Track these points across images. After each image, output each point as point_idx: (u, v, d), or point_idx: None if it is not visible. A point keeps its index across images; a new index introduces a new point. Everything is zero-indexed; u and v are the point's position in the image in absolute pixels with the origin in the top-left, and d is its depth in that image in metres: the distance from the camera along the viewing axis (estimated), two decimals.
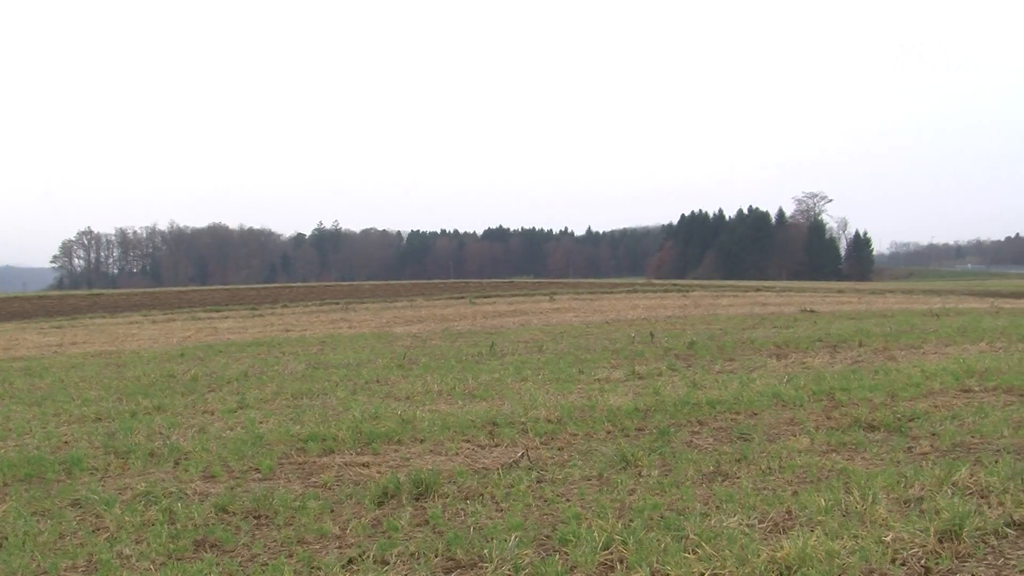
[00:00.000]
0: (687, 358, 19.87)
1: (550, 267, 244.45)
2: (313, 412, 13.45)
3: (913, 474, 8.65)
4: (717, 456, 9.75)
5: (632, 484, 8.62)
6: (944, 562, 6.37)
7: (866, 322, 31.54)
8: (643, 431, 11.35)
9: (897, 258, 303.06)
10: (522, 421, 12.02)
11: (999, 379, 15.19)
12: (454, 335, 29.99)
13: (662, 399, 13.54)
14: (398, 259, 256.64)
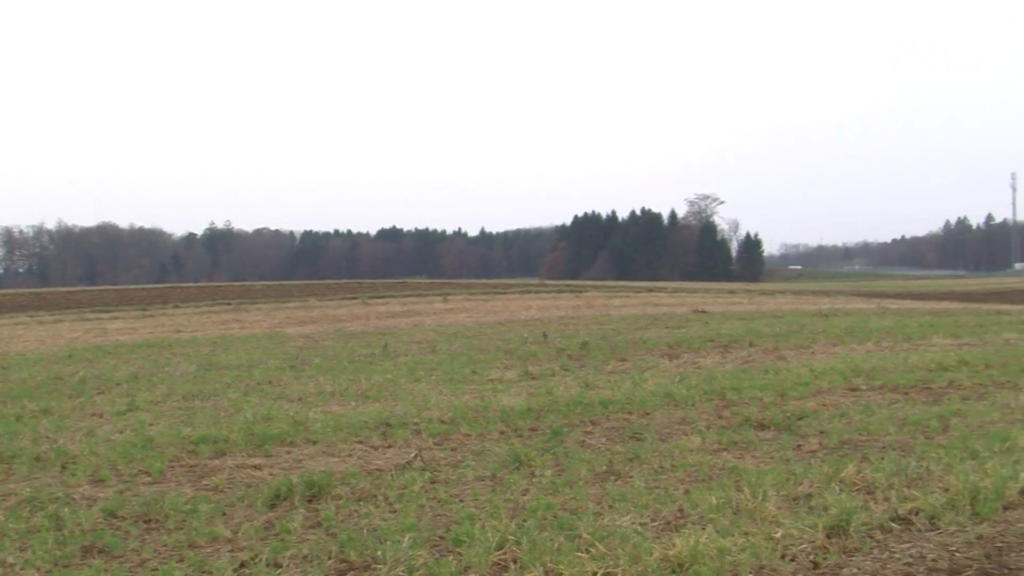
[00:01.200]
0: (580, 358, 19.96)
1: (444, 268, 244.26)
2: (204, 414, 13.27)
3: (802, 471, 8.79)
4: (610, 456, 9.81)
5: (525, 484, 8.64)
6: (832, 557, 6.48)
7: (757, 322, 31.96)
8: (536, 431, 11.38)
9: (787, 259, 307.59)
10: (415, 422, 11.99)
11: (885, 378, 15.50)
12: (347, 336, 29.82)
13: (555, 399, 13.58)
14: (291, 259, 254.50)
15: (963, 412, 12.29)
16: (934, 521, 7.27)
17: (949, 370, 16.67)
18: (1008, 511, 7.62)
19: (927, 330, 26.88)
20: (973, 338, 24.01)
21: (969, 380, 15.38)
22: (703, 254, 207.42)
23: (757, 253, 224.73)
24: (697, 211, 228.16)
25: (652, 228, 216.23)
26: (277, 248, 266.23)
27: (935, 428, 11.18)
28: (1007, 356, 19.06)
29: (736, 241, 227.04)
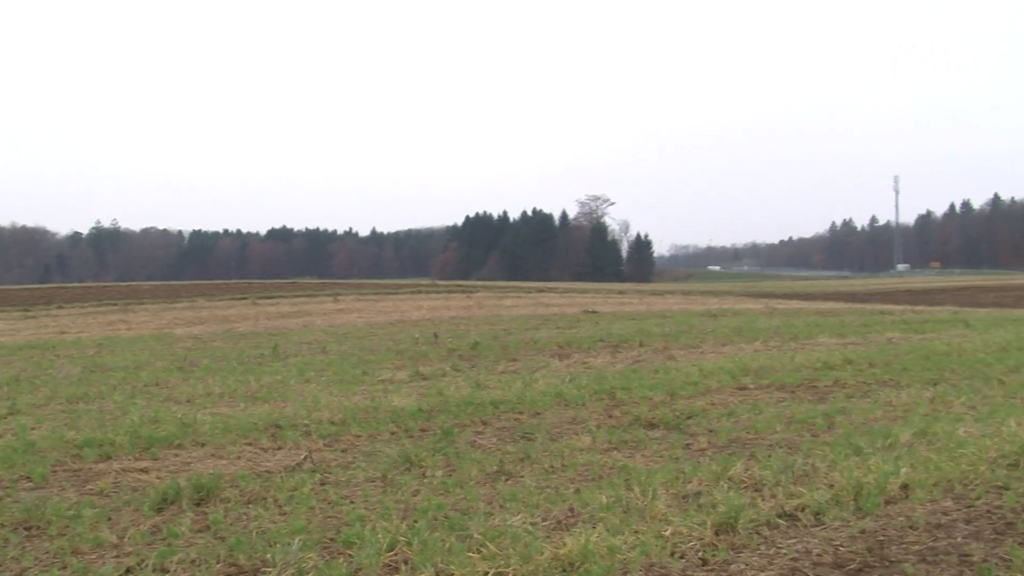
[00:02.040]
0: (471, 358, 19.96)
1: (334, 268, 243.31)
2: (89, 417, 13.01)
3: (691, 470, 8.88)
4: (501, 455, 9.82)
5: (416, 485, 8.61)
6: (720, 554, 6.55)
7: (647, 322, 32.21)
8: (427, 432, 11.34)
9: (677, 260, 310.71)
10: (305, 423, 11.88)
11: (772, 377, 15.72)
12: (236, 336, 29.49)
13: (446, 399, 13.56)
14: (179, 259, 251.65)
15: (848, 410, 12.51)
16: (819, 517, 7.40)
17: (834, 369, 16.97)
18: (890, 505, 7.78)
19: (813, 330, 27.30)
20: (857, 337, 24.44)
21: (854, 378, 15.67)
22: (594, 255, 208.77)
23: (647, 254, 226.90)
24: (588, 212, 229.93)
25: (543, 229, 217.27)
26: (165, 248, 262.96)
27: (821, 426, 11.38)
28: (890, 355, 19.45)
29: (626, 242, 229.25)
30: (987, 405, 12.92)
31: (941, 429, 10.85)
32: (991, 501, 7.97)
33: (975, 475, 8.71)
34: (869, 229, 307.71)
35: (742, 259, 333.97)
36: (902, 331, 26.82)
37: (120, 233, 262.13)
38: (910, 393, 14.04)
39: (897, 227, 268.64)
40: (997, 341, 22.88)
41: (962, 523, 7.37)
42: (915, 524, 7.26)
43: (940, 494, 8.13)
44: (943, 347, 21.28)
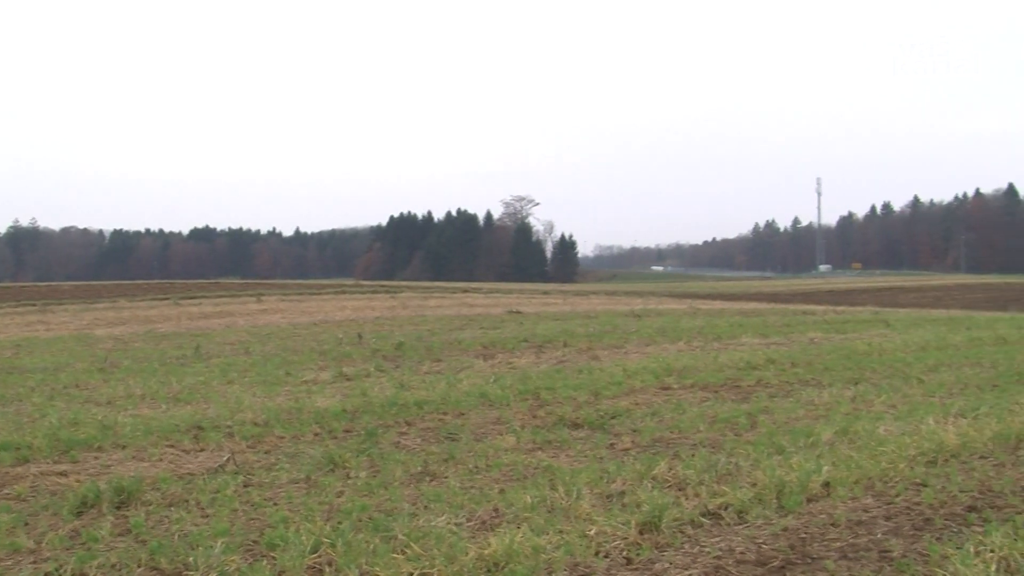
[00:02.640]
0: (395, 359, 19.90)
1: (257, 268, 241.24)
2: (6, 420, 12.78)
3: (615, 469, 8.90)
4: (425, 456, 9.79)
5: (340, 486, 8.56)
6: (645, 552, 6.58)
7: (571, 323, 32.31)
8: (351, 432, 11.28)
9: (601, 260, 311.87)
10: (228, 424, 11.77)
11: (696, 377, 15.83)
12: (158, 337, 29.16)
13: (370, 400, 13.50)
14: (100, 259, 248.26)
15: (770, 409, 12.63)
16: (742, 515, 7.45)
17: (757, 369, 17.12)
18: (811, 503, 7.87)
19: (736, 330, 27.55)
20: (780, 337, 24.71)
21: (776, 378, 15.83)
22: (518, 255, 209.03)
23: (571, 254, 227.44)
24: (512, 212, 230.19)
25: (468, 229, 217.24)
26: (85, 247, 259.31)
27: (744, 425, 11.48)
28: (812, 354, 19.67)
29: (551, 242, 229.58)
30: (907, 404, 13.11)
31: (862, 428, 10.98)
32: (910, 498, 8.09)
33: (895, 472, 8.83)
34: (792, 230, 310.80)
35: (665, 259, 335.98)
36: (824, 331, 27.14)
37: (39, 232, 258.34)
38: (832, 392, 14.20)
39: (819, 228, 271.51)
40: (916, 341, 23.23)
41: (882, 520, 7.47)
42: (836, 521, 7.34)
43: (861, 491, 8.23)
44: (864, 347, 21.55)
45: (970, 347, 22.35)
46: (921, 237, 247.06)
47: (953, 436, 10.25)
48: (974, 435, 10.45)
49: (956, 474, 8.88)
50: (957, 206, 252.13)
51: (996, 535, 6.76)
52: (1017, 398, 13.50)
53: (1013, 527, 7.05)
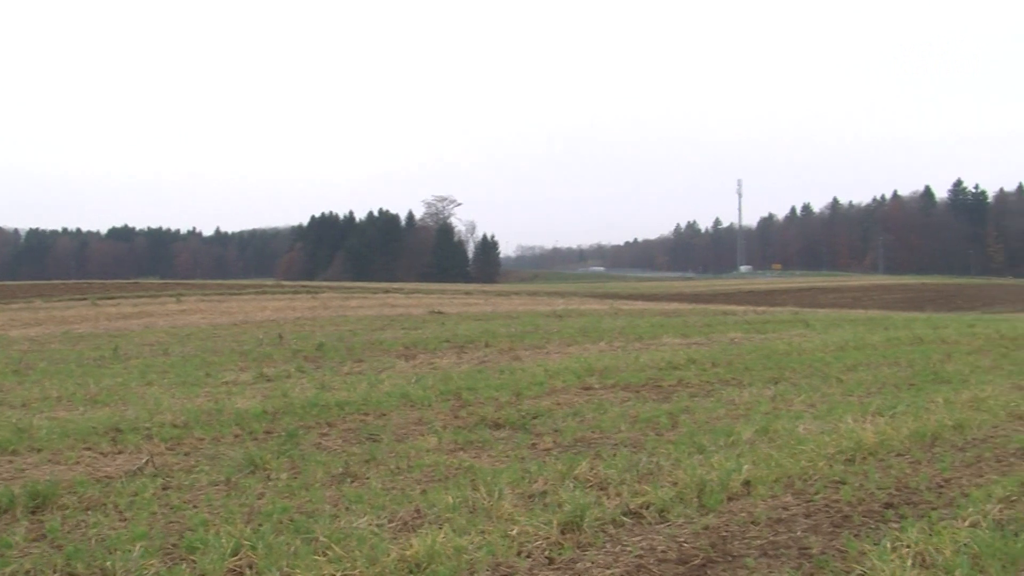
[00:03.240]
0: (316, 360, 19.79)
1: (177, 268, 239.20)
2: None
3: (537, 469, 8.91)
4: (346, 457, 9.75)
5: (261, 488, 8.49)
6: (567, 552, 6.59)
7: (492, 323, 32.33)
8: (272, 434, 11.20)
9: (523, 261, 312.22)
10: (147, 426, 11.62)
11: (617, 377, 15.89)
12: (75, 338, 28.75)
13: (291, 401, 13.41)
14: (15, 258, 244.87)
15: (691, 409, 12.71)
16: (664, 514, 7.50)
17: (678, 368, 17.22)
18: (732, 502, 7.93)
19: (657, 330, 27.71)
20: (701, 337, 24.87)
21: (697, 378, 15.93)
22: (440, 255, 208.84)
23: (493, 255, 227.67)
24: (434, 212, 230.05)
25: (389, 229, 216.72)
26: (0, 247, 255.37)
27: (665, 425, 11.54)
28: (732, 354, 19.81)
29: (473, 243, 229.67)
30: (826, 403, 13.24)
31: (782, 426, 11.09)
32: (829, 495, 8.18)
33: (814, 471, 8.93)
34: (713, 231, 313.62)
35: (587, 260, 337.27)
36: (744, 331, 27.36)
37: None
38: (752, 392, 14.32)
39: (740, 230, 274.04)
40: (835, 341, 23.49)
41: (802, 517, 7.55)
42: (757, 519, 7.41)
43: (781, 490, 8.31)
44: (784, 347, 21.76)
45: (888, 347, 22.63)
46: (840, 238, 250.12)
47: (871, 434, 10.38)
48: (891, 433, 10.60)
49: (874, 472, 8.99)
50: (875, 208, 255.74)
51: (912, 531, 6.86)
52: (933, 397, 13.70)
53: (928, 523, 7.16)
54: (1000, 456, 9.99)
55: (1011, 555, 6.42)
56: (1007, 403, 13.23)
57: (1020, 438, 10.81)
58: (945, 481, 8.83)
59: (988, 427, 11.56)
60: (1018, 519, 7.38)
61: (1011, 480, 8.70)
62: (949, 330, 28.62)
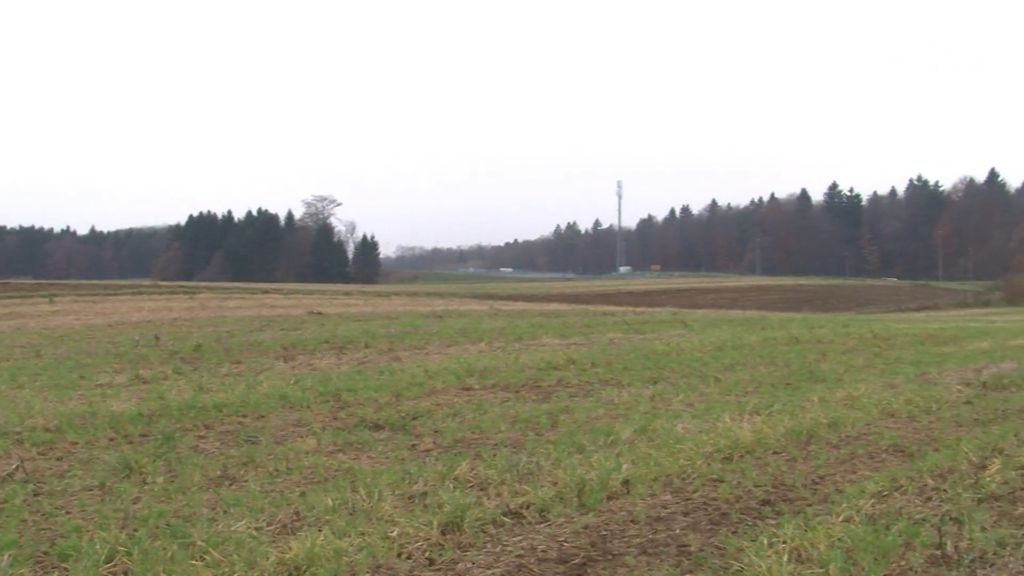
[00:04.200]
0: (193, 361, 19.52)
1: (50, 268, 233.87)
2: None
3: (417, 470, 8.90)
4: (224, 460, 9.62)
5: (137, 492, 8.35)
6: (447, 553, 6.58)
7: (372, 324, 32.22)
8: (148, 437, 11.01)
9: (403, 261, 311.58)
10: (17, 431, 11.34)
11: (497, 377, 15.93)
12: None
13: (167, 403, 13.20)
14: None
15: (571, 409, 12.78)
16: (544, 513, 7.52)
17: (558, 369, 17.32)
18: (612, 501, 7.99)
19: (537, 330, 27.84)
20: (580, 338, 25.05)
21: (576, 378, 16.03)
22: (319, 256, 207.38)
23: (373, 255, 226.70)
24: (314, 213, 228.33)
25: (268, 229, 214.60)
26: None
27: (545, 425, 11.59)
28: (612, 355, 19.99)
29: (353, 243, 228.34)
30: (704, 402, 13.43)
31: (660, 426, 11.21)
32: (707, 494, 8.29)
33: (692, 469, 9.04)
34: (593, 232, 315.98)
35: (467, 261, 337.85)
36: (624, 331, 27.64)
37: None
38: (631, 392, 14.45)
39: (620, 231, 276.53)
40: (713, 341, 23.85)
41: (680, 515, 7.64)
42: (636, 518, 7.47)
43: (660, 488, 8.40)
44: (663, 347, 22.03)
45: (764, 347, 23.03)
46: (718, 240, 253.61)
47: (748, 433, 10.55)
48: (768, 432, 10.79)
49: (751, 470, 9.14)
50: (753, 210, 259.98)
51: (788, 527, 6.98)
52: (808, 395, 13.98)
53: (804, 519, 7.30)
54: (873, 453, 10.25)
55: (882, 548, 6.58)
56: (880, 401, 13.56)
57: (892, 435, 11.09)
58: (820, 478, 9.01)
59: (861, 425, 11.84)
60: (889, 513, 7.56)
61: (883, 476, 8.92)
62: (824, 330, 29.26)
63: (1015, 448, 10.41)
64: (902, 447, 10.53)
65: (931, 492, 8.41)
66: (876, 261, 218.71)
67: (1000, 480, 8.84)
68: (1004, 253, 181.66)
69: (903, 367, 18.81)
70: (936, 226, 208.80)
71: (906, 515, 7.52)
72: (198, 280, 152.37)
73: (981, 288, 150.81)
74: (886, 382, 15.99)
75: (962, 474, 9.11)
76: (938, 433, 11.48)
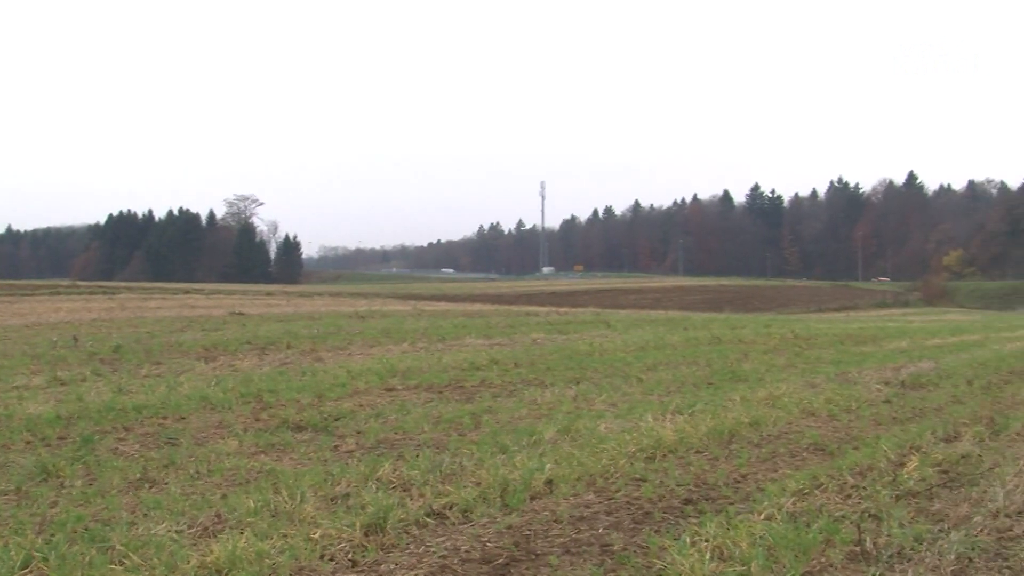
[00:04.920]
0: (113, 362, 19.28)
1: None
2: None
3: (339, 471, 8.85)
4: (144, 462, 9.51)
5: (54, 496, 8.22)
6: (370, 554, 6.56)
7: (294, 324, 32.05)
8: (65, 440, 10.85)
9: (326, 261, 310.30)
10: None
11: (420, 378, 15.90)
12: None
13: (86, 405, 13.03)
14: None
15: (494, 409, 12.80)
16: (467, 514, 7.52)
17: (481, 369, 17.33)
18: (535, 501, 8.01)
19: (460, 331, 27.86)
20: (504, 338, 25.11)
21: (500, 378, 16.05)
22: (241, 256, 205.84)
23: (296, 255, 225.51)
24: (236, 212, 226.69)
25: (190, 229, 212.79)
26: None
27: (468, 425, 11.60)
28: (535, 355, 20.04)
29: (275, 243, 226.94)
30: (627, 402, 13.51)
31: (583, 426, 11.25)
32: (630, 493, 8.34)
33: (615, 469, 9.09)
34: (516, 233, 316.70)
35: (390, 261, 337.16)
36: (547, 332, 27.73)
37: None
38: (554, 392, 14.50)
39: (543, 231, 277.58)
40: (636, 341, 24.00)
41: (604, 515, 7.67)
42: (559, 518, 7.49)
43: (583, 488, 8.44)
44: (585, 347, 22.13)
45: (687, 347, 23.22)
46: (641, 241, 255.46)
47: (671, 432, 10.63)
48: (690, 431, 10.88)
49: (673, 469, 9.21)
50: (676, 211, 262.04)
51: (710, 525, 7.04)
52: (730, 395, 14.12)
53: (726, 517, 7.37)
54: (794, 451, 10.39)
55: (803, 545, 6.66)
56: (800, 400, 13.75)
57: (813, 434, 11.24)
58: (742, 476, 9.10)
59: (782, 424, 11.99)
60: (810, 511, 7.67)
61: (803, 474, 9.03)
62: (746, 330, 29.56)
63: (932, 446, 10.61)
64: (822, 446, 10.68)
65: (851, 490, 8.54)
66: (797, 262, 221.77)
67: (917, 477, 9.01)
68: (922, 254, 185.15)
69: (823, 367, 19.07)
70: (856, 227, 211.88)
71: (826, 512, 7.64)
72: (118, 280, 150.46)
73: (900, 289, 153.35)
74: (807, 381, 16.19)
75: (881, 472, 9.26)
76: (858, 432, 11.66)
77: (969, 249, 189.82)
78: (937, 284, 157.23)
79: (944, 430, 11.67)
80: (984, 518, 7.65)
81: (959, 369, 19.43)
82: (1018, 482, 8.90)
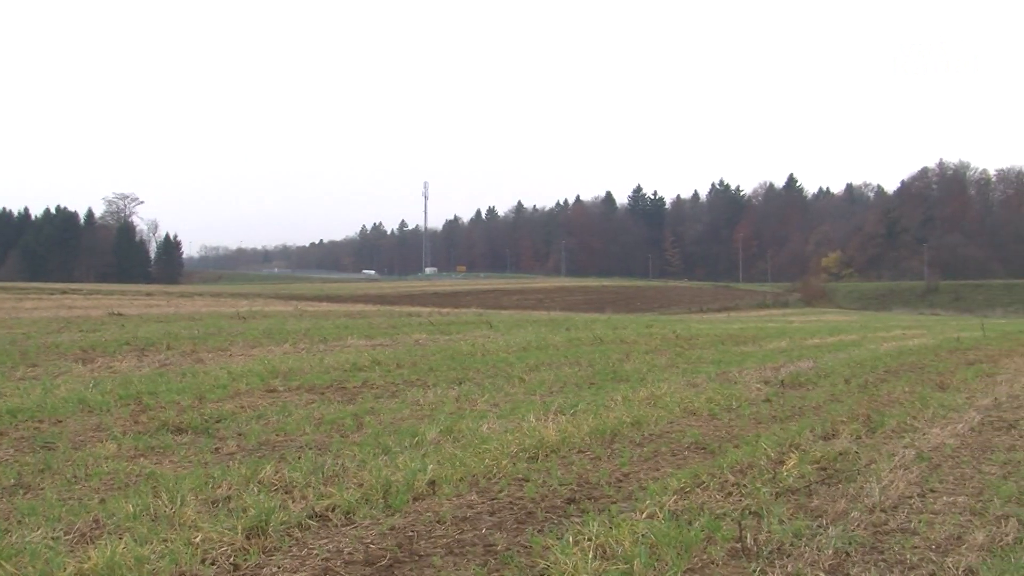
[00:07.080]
0: None
1: None
2: None
3: (220, 474, 8.77)
4: (19, 467, 9.32)
5: None
6: (252, 557, 6.51)
7: (175, 325, 31.59)
8: None
9: (207, 261, 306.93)
10: None
11: (302, 379, 15.81)
12: None
13: None
14: None
15: (376, 410, 12.78)
16: (350, 516, 7.51)
17: (363, 370, 17.27)
18: (418, 502, 8.01)
19: (342, 331, 27.70)
20: (386, 339, 25.03)
21: (382, 379, 16.02)
22: (120, 255, 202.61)
23: (176, 255, 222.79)
24: (115, 211, 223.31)
25: (67, 227, 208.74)
26: None
27: (350, 426, 11.56)
28: (417, 356, 20.02)
29: (155, 243, 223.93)
30: (509, 402, 13.56)
31: (466, 426, 11.29)
32: (513, 493, 8.38)
33: (498, 469, 9.13)
34: (399, 233, 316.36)
35: (272, 261, 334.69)
36: (429, 332, 27.71)
37: None
38: (437, 392, 14.51)
39: (426, 232, 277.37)
40: (518, 341, 24.09)
41: (487, 515, 7.70)
42: (442, 518, 7.51)
43: (466, 488, 8.46)
44: (468, 348, 22.16)
45: (569, 347, 23.37)
46: (524, 241, 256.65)
47: (553, 432, 10.70)
48: (572, 431, 10.97)
49: (556, 468, 9.27)
50: (558, 212, 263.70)
51: (593, 524, 7.10)
52: (612, 395, 14.26)
53: (609, 516, 7.44)
54: (675, 450, 10.53)
55: (685, 543, 6.76)
56: (682, 400, 13.94)
57: (694, 433, 11.40)
58: (624, 475, 9.20)
59: (664, 423, 12.14)
60: (692, 509, 7.78)
61: (685, 472, 9.15)
62: (628, 331, 29.84)
63: (811, 443, 10.83)
64: (704, 444, 10.84)
65: (731, 487, 8.68)
66: (679, 263, 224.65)
67: (797, 474, 9.19)
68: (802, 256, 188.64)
69: (705, 366, 19.34)
70: (736, 229, 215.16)
71: (708, 510, 7.76)
72: None
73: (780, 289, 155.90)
74: (688, 381, 16.40)
75: (761, 469, 9.43)
76: (738, 430, 11.85)
77: (847, 251, 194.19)
78: (816, 285, 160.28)
79: (822, 428, 11.91)
80: (861, 513, 7.84)
81: (837, 368, 19.83)
82: (893, 478, 9.13)
